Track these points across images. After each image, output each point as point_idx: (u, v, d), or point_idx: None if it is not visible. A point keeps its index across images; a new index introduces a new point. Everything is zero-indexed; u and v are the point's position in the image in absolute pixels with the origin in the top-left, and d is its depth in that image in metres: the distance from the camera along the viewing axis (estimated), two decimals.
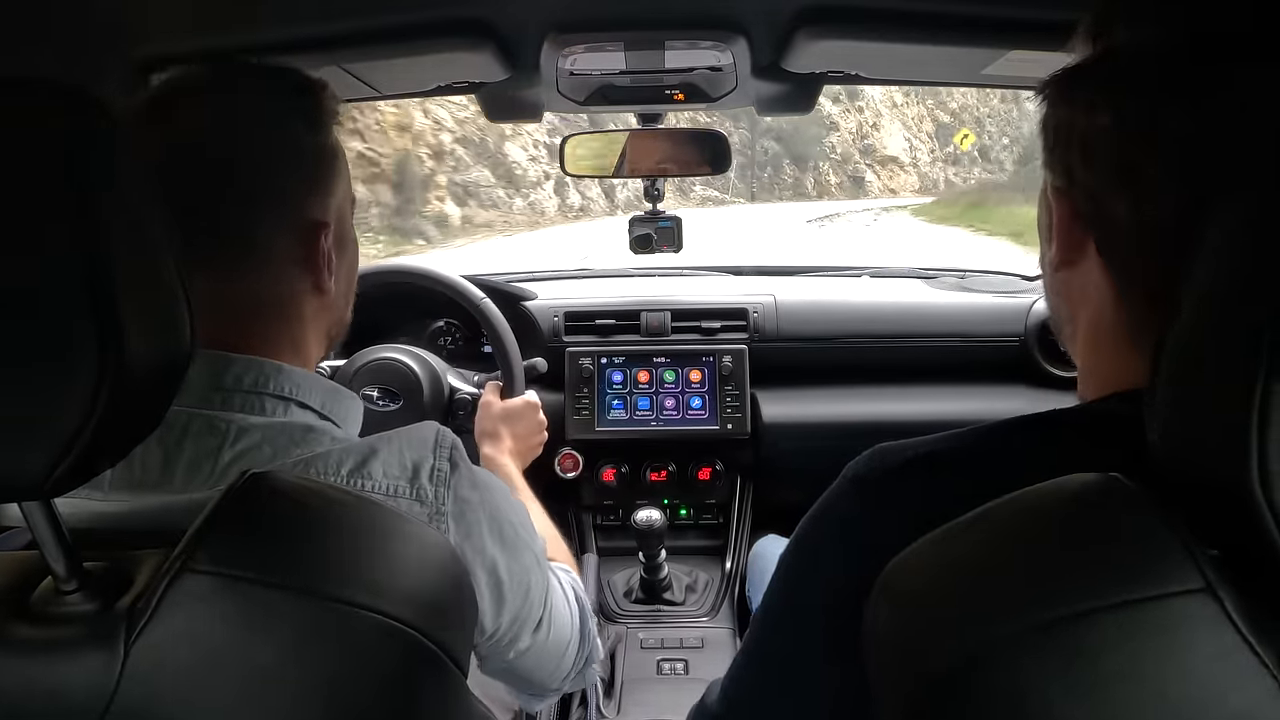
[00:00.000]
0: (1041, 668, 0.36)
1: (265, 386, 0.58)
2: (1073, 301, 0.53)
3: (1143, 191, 0.46)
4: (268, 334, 0.61)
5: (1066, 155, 0.49)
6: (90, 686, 0.38)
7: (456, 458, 0.58)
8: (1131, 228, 0.47)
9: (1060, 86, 0.50)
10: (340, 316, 0.69)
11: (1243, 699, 0.33)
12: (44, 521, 0.38)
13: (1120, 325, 0.49)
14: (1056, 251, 0.51)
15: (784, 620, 0.55)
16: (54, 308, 0.34)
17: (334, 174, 0.64)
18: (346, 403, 0.64)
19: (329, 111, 0.64)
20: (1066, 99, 0.50)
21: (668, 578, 1.46)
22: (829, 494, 0.52)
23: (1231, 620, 0.34)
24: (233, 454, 0.54)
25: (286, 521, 0.43)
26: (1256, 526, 0.33)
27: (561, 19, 0.93)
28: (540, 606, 0.66)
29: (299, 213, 0.61)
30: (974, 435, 0.49)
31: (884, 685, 0.43)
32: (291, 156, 0.61)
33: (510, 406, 1.22)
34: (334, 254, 0.63)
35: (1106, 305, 0.50)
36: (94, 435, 0.35)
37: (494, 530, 0.59)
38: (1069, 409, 0.50)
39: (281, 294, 0.62)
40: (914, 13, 0.88)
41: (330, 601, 0.41)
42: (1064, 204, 0.50)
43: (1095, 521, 0.38)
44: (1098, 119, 0.47)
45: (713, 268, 1.91)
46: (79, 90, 0.36)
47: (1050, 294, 0.56)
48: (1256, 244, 0.34)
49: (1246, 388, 0.32)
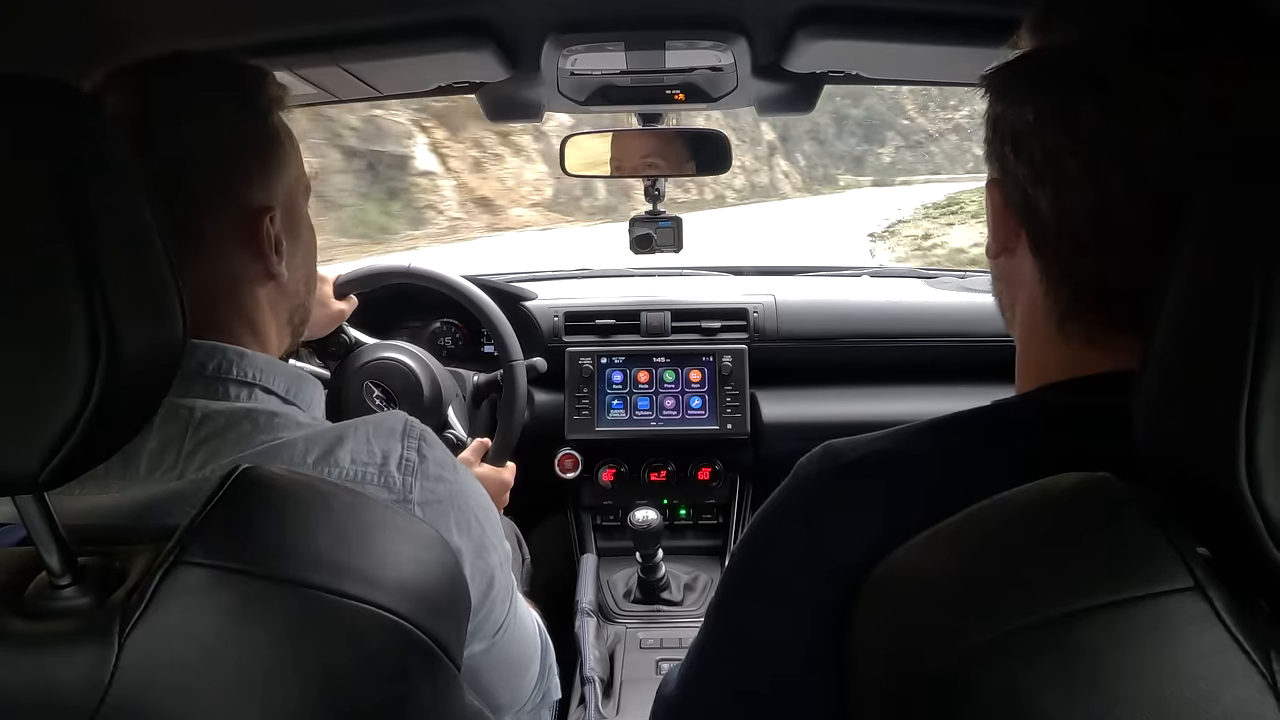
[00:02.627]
0: (1033, 668, 0.36)
1: (228, 372, 0.58)
2: (1011, 289, 0.55)
3: (1061, 185, 0.47)
4: (224, 321, 0.61)
5: (1000, 147, 0.51)
6: (85, 680, 0.38)
7: (425, 448, 0.58)
8: (1054, 220, 0.48)
9: (996, 81, 0.52)
10: (300, 303, 0.69)
11: (1233, 697, 0.33)
12: (38, 516, 0.39)
13: (1050, 314, 0.51)
14: (993, 240, 0.54)
15: (735, 612, 0.55)
16: (45, 301, 0.35)
17: (278, 159, 0.64)
18: (309, 387, 0.64)
19: (270, 98, 0.64)
20: (1000, 93, 0.51)
21: (665, 577, 1.46)
22: (779, 491, 0.53)
23: (1221, 619, 0.34)
24: (195, 441, 0.54)
25: (279, 514, 0.43)
26: (1245, 527, 0.33)
27: (562, 19, 0.93)
28: (502, 607, 0.66)
29: (240, 197, 0.61)
30: (921, 431, 0.50)
31: (871, 687, 0.43)
32: (227, 141, 0.60)
33: (484, 474, 1.20)
34: (284, 239, 0.63)
35: (1038, 294, 0.51)
36: (88, 428, 0.36)
37: (461, 522, 0.59)
38: (1004, 403, 0.51)
39: (232, 280, 0.61)
40: (914, 13, 0.88)
41: (323, 593, 0.41)
42: (997, 195, 0.52)
43: (1085, 521, 0.38)
44: (1024, 113, 0.48)
45: (713, 268, 1.91)
46: (69, 86, 0.36)
47: (993, 279, 0.58)
48: (1237, 242, 0.34)
49: (1234, 389, 0.32)
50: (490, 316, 1.33)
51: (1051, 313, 0.51)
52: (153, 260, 0.39)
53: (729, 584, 0.56)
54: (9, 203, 0.34)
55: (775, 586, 0.51)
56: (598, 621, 1.39)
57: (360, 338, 1.33)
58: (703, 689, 0.57)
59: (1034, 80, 0.49)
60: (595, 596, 1.44)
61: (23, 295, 0.34)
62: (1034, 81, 0.49)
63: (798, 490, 0.52)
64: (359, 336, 1.33)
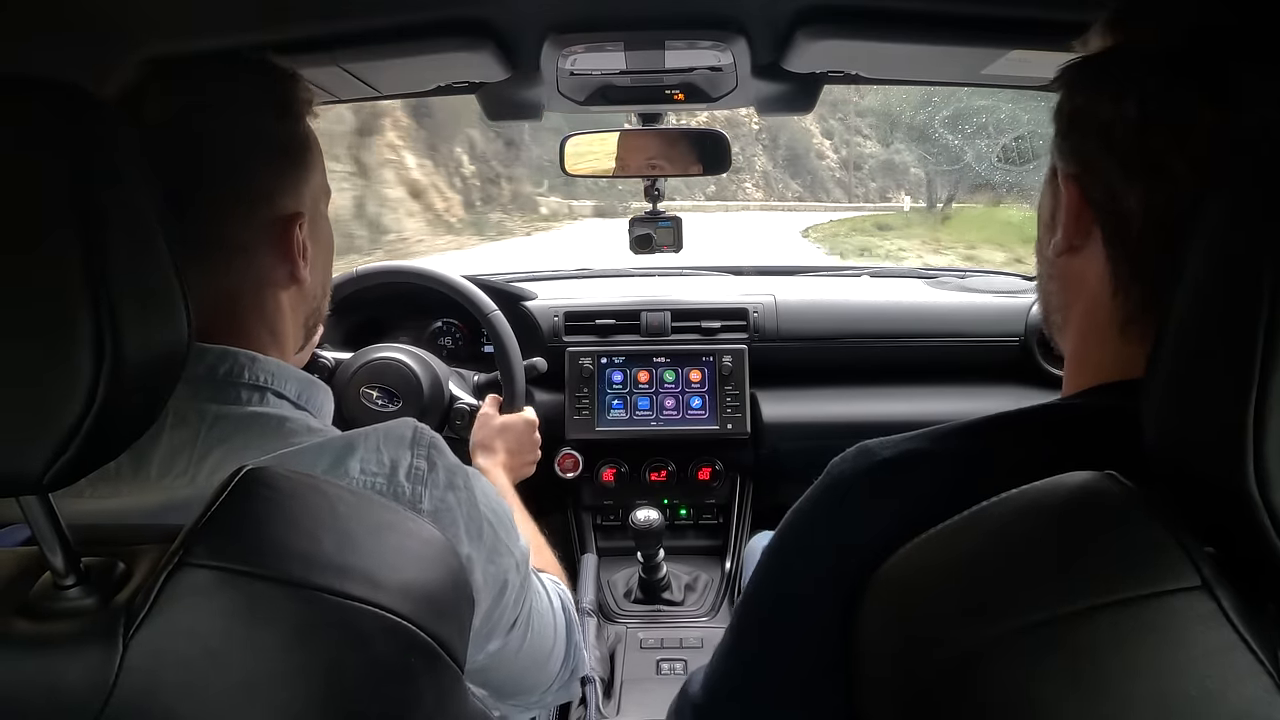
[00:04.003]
0: (1040, 665, 0.36)
1: (239, 376, 0.58)
2: (1069, 290, 0.54)
3: (1160, 184, 0.46)
4: (245, 326, 0.61)
5: (1083, 143, 0.49)
6: (89, 681, 0.38)
7: (434, 456, 0.58)
8: (1143, 219, 0.47)
9: (1084, 73, 0.50)
10: (317, 307, 0.69)
11: (1240, 696, 0.33)
12: (42, 516, 0.38)
13: (1114, 315, 0.50)
14: (1063, 237, 0.52)
15: (767, 614, 0.55)
16: (52, 303, 0.35)
17: (306, 164, 0.64)
18: (320, 393, 0.64)
19: (301, 101, 0.64)
20: (1089, 86, 0.49)
21: (666, 577, 1.46)
22: (814, 490, 0.53)
23: (1228, 617, 0.34)
24: (207, 445, 0.54)
25: (284, 515, 0.43)
26: (1253, 526, 0.33)
27: (562, 19, 0.93)
28: (515, 609, 0.66)
29: (271, 203, 0.61)
30: (954, 432, 0.49)
31: (877, 685, 0.43)
32: (261, 147, 0.61)
33: (508, 421, 1.22)
34: (309, 244, 0.63)
35: (1103, 294, 0.50)
36: (92, 429, 0.36)
37: (472, 530, 0.59)
38: (1048, 405, 0.51)
39: (258, 286, 0.62)
40: (914, 13, 0.88)
41: (327, 594, 0.41)
42: (1074, 190, 0.50)
43: (1092, 519, 0.38)
44: (1122, 108, 0.47)
45: (713, 268, 1.91)
46: (80, 88, 0.37)
47: (1046, 280, 0.57)
48: (1247, 240, 0.34)
49: (1242, 387, 0.32)
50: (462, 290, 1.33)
51: (1116, 314, 0.49)
52: (158, 264, 0.39)
53: (763, 579, 0.55)
54: (18, 203, 0.34)
55: (808, 582, 0.51)
56: (598, 621, 1.39)
57: (339, 356, 1.33)
58: (730, 687, 0.56)
59: (1130, 74, 0.47)
60: (596, 596, 1.45)
61: (29, 295, 0.34)
62: (1130, 75, 0.47)
63: (833, 488, 0.51)
64: (337, 356, 1.33)
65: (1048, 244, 0.54)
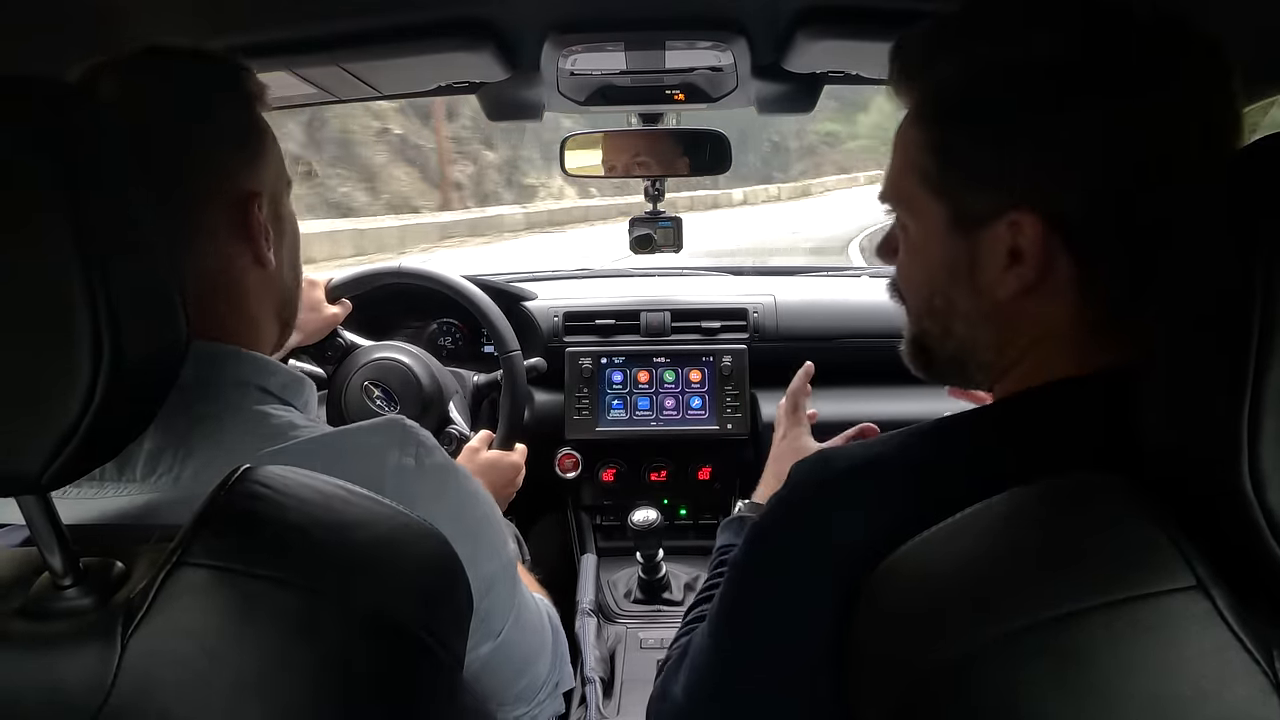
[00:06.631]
0: (1034, 667, 0.36)
1: (223, 373, 0.58)
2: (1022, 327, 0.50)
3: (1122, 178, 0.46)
4: (220, 315, 0.61)
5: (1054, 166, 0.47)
6: (88, 681, 0.38)
7: (423, 454, 0.58)
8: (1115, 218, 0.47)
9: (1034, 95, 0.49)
10: (289, 297, 0.69)
11: (1235, 696, 0.33)
12: (41, 516, 0.39)
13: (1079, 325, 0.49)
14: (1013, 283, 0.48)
15: (740, 618, 0.55)
16: (51, 302, 0.35)
17: (263, 148, 0.64)
18: (305, 388, 0.64)
19: (252, 92, 0.64)
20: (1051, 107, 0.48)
21: (665, 577, 1.46)
22: (777, 499, 0.53)
23: (1223, 617, 0.34)
24: (192, 445, 0.54)
25: (281, 514, 0.43)
26: (1248, 526, 0.33)
27: (562, 19, 0.93)
28: (502, 611, 0.65)
29: (230, 182, 0.61)
30: (913, 435, 0.50)
31: (870, 687, 0.43)
32: (216, 127, 0.61)
33: (494, 460, 1.20)
34: (270, 227, 0.63)
35: (1066, 317, 0.49)
36: (91, 428, 0.36)
37: (459, 530, 0.58)
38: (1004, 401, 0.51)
39: (225, 270, 0.61)
40: (915, 13, 0.88)
41: (325, 593, 0.41)
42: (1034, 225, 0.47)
43: (1085, 520, 0.38)
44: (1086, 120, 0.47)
45: (713, 268, 1.91)
46: (71, 86, 0.37)
47: (972, 327, 0.52)
48: (1240, 240, 0.34)
49: (1236, 388, 0.32)
50: (484, 310, 1.34)
51: (1082, 324, 0.49)
52: (154, 261, 0.39)
53: (733, 590, 0.56)
54: (10, 203, 0.34)
55: (778, 590, 0.51)
56: (598, 621, 1.39)
57: (356, 340, 1.33)
58: (711, 695, 0.57)
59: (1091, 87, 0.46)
60: (595, 596, 1.44)
61: (25, 295, 0.34)
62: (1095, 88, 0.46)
63: (794, 496, 0.52)
64: (355, 339, 1.33)
65: (970, 292, 0.51)
